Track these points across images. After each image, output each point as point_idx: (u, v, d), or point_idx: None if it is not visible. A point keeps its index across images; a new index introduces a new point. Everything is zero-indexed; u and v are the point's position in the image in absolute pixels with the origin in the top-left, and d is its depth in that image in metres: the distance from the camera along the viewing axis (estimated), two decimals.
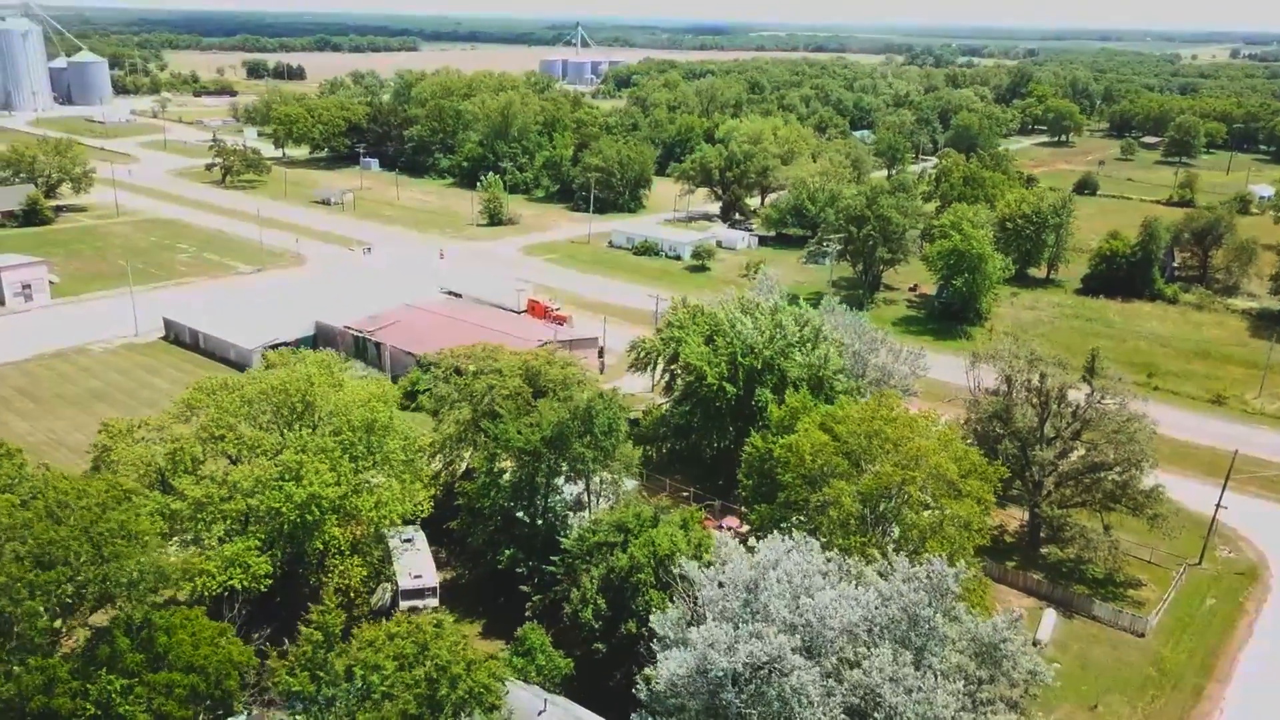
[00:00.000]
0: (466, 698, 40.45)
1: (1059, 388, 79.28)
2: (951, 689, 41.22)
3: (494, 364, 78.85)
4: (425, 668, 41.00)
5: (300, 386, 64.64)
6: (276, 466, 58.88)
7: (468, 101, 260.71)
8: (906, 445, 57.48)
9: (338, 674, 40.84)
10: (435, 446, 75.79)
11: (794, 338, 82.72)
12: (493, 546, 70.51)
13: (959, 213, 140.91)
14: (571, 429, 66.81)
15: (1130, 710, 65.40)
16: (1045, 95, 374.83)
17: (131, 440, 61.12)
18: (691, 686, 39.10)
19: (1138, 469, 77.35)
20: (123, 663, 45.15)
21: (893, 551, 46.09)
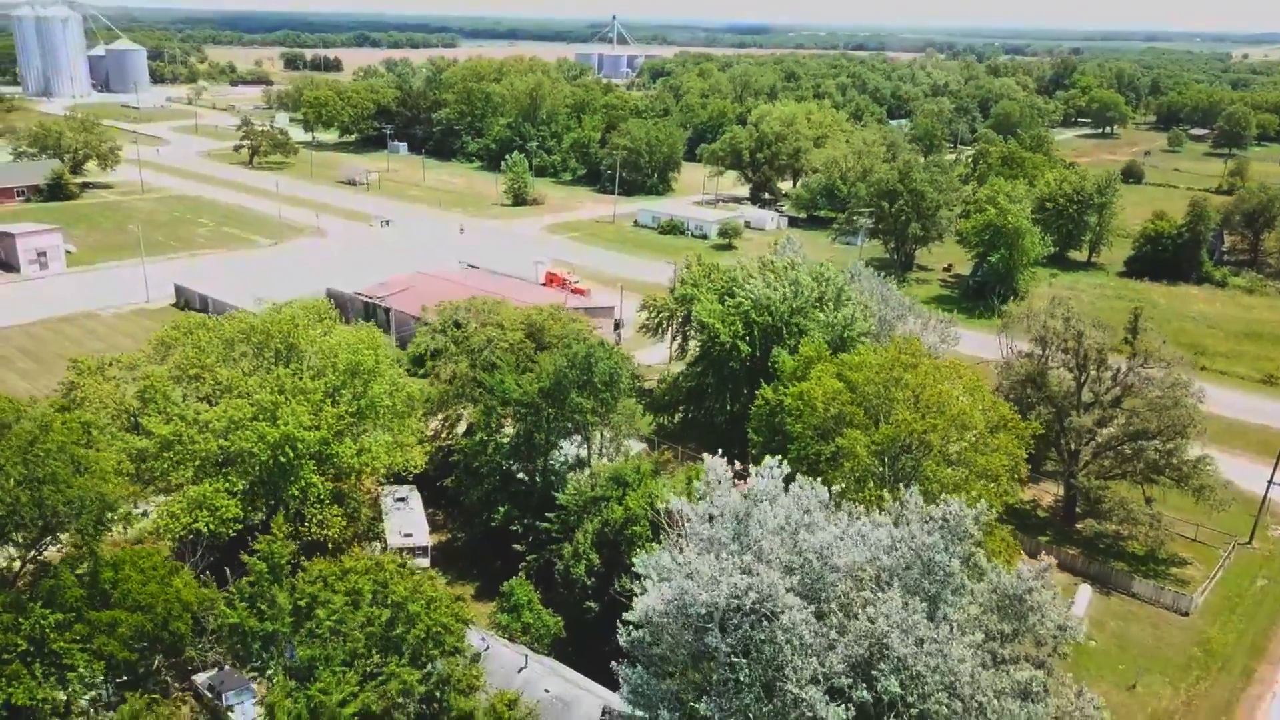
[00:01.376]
0: (424, 638, 36.34)
1: (1098, 350, 73.80)
2: (970, 640, 36.45)
3: (495, 318, 74.94)
4: (380, 606, 36.97)
5: (283, 328, 61.06)
6: (251, 406, 55.28)
7: (496, 84, 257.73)
8: (928, 392, 52.58)
9: (282, 608, 36.92)
10: (431, 403, 72.02)
11: (812, 296, 77.85)
12: (488, 506, 66.66)
13: (996, 187, 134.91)
14: (569, 378, 62.65)
15: (1172, 692, 60.10)
16: (1089, 86, 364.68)
17: (102, 378, 57.82)
18: (673, 627, 34.68)
19: (1183, 437, 71.78)
20: (62, 597, 41.60)
21: (903, 489, 41.29)
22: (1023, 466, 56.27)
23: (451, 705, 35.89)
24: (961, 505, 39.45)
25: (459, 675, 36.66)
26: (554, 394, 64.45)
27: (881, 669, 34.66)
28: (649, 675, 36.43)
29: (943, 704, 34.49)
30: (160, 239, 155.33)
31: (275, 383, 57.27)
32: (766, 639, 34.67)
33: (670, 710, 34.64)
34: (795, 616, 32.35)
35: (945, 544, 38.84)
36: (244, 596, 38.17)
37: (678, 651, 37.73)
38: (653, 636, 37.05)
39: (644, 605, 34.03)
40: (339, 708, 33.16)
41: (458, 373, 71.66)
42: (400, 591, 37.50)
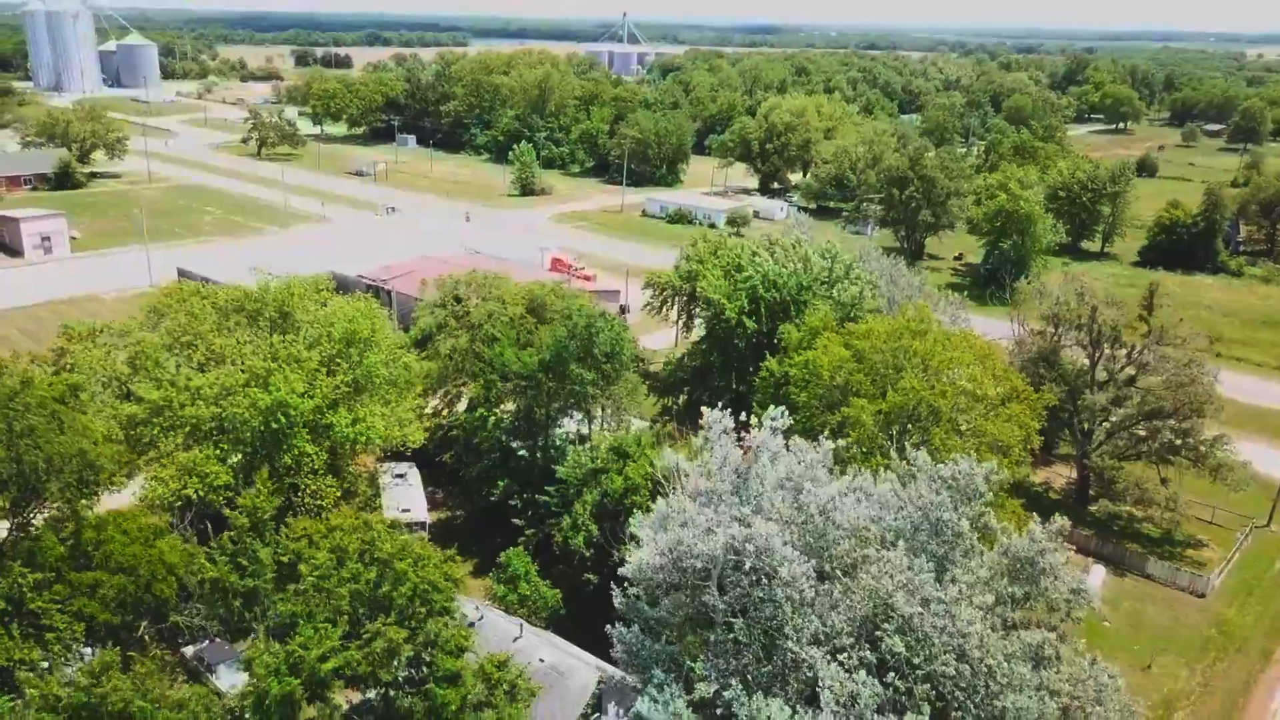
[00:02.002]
0: (411, 597, 34.96)
1: (1112, 327, 72.03)
2: (980, 601, 34.93)
3: (496, 292, 73.61)
4: (367, 564, 35.62)
5: (278, 296, 59.84)
6: (244, 373, 54.06)
7: (505, 76, 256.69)
8: (938, 359, 50.99)
9: (264, 564, 35.59)
10: (431, 379, 70.74)
11: (821, 274, 76.31)
12: (488, 481, 65.34)
13: (1008, 172, 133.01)
14: (570, 350, 61.25)
15: (1188, 673, 58.44)
16: (1102, 82, 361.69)
17: (93, 345, 56.69)
18: (669, 584, 33.24)
19: (1199, 416, 70.03)
20: (42, 557, 40.42)
21: (912, 448, 39.77)
22: (1035, 438, 54.64)
23: (439, 666, 34.51)
24: (972, 463, 37.99)
25: (448, 636, 35.28)
26: (554, 367, 63.09)
27: (885, 629, 33.19)
28: (644, 636, 35.02)
29: (950, 665, 32.99)
30: (165, 226, 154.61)
31: (269, 349, 56.03)
32: (765, 597, 33.23)
33: (665, 671, 33.21)
34: (795, 570, 30.89)
35: (954, 504, 37.38)
36: (225, 552, 36.90)
37: (675, 614, 36.35)
38: (649, 596, 35.67)
39: (639, 560, 32.62)
40: (319, 663, 31.82)
41: (457, 347, 70.41)
42: (387, 549, 36.18)
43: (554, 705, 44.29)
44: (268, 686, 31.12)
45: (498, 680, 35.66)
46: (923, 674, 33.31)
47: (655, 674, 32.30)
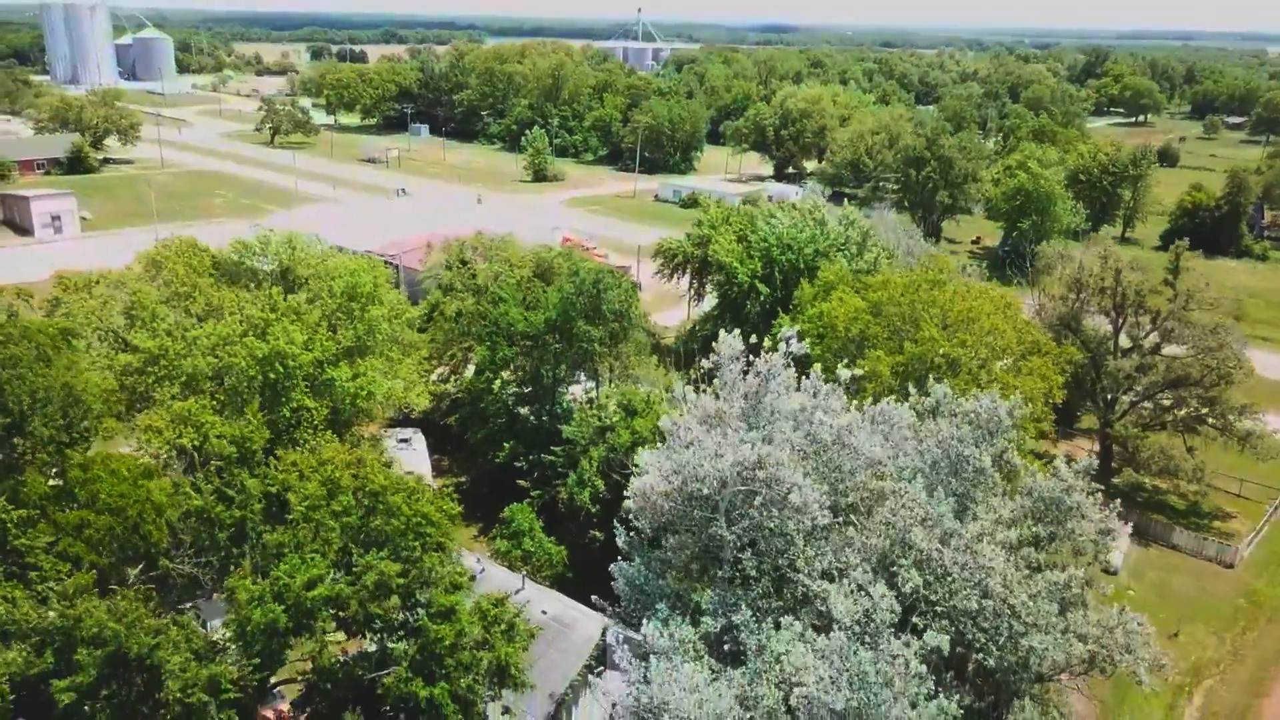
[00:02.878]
0: (405, 530, 33.36)
1: (1136, 292, 69.90)
2: (1002, 538, 33.08)
3: (503, 254, 72.10)
4: (359, 497, 34.05)
5: (277, 249, 58.46)
6: (241, 323, 52.65)
7: (518, 64, 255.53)
8: (958, 308, 49.09)
9: (251, 495, 34.06)
10: (437, 343, 69.32)
11: (838, 239, 74.44)
12: (493, 445, 63.83)
13: (1027, 151, 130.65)
14: (577, 306, 59.63)
15: (1217, 640, 56.38)
16: (1122, 75, 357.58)
17: (89, 295, 55.40)
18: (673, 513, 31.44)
19: (1227, 382, 67.82)
20: (26, 495, 38.99)
21: (934, 382, 37.91)
22: (1057, 393, 52.68)
23: (434, 602, 32.88)
24: (994, 398, 36.16)
25: (443, 572, 33.67)
26: (561, 327, 61.54)
27: (902, 563, 31.37)
28: (648, 572, 33.29)
29: (972, 600, 31.15)
30: (176, 208, 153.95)
31: (267, 300, 54.62)
32: (776, 530, 31.45)
33: (670, 607, 31.44)
34: (807, 495, 29.07)
35: (975, 440, 35.56)
36: (210, 480, 35.42)
37: (680, 553, 34.62)
38: (653, 531, 33.92)
39: (643, 484, 30.86)
40: (305, 590, 30.25)
41: (463, 310, 68.91)
42: (380, 482, 34.61)
43: (556, 657, 42.71)
44: (249, 614, 29.60)
45: (495, 618, 34.02)
46: (941, 611, 31.52)
47: (660, 609, 30.56)
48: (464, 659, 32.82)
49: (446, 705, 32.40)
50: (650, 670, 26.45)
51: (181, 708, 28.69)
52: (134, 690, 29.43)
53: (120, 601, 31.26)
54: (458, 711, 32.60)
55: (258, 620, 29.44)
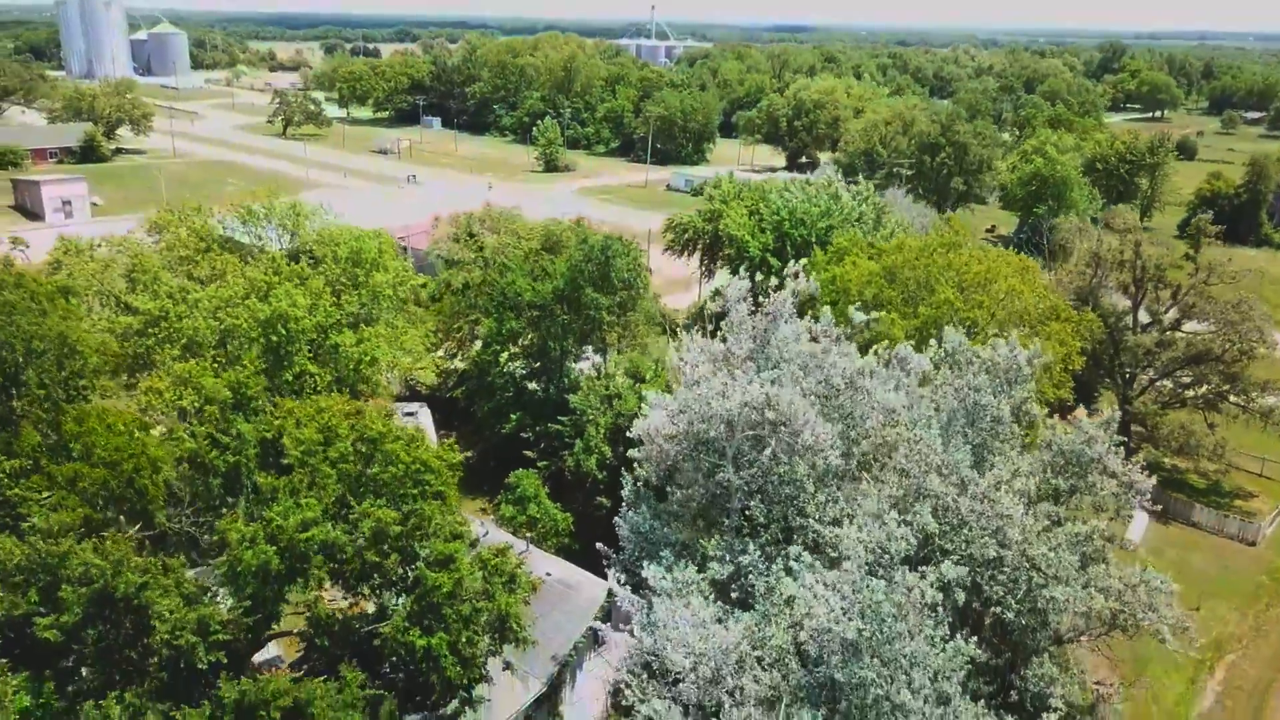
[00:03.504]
0: (403, 477, 32.38)
1: (1156, 266, 68.48)
2: (1020, 487, 31.90)
3: (511, 225, 71.14)
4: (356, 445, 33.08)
5: (282, 212, 57.65)
6: (244, 285, 51.85)
7: (531, 57, 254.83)
8: (974, 269, 47.84)
9: (246, 440, 33.12)
10: (444, 316, 68.43)
11: (852, 214, 73.21)
12: (500, 418, 62.95)
13: (1043, 137, 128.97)
14: (585, 273, 58.60)
15: (1239, 616, 55.07)
16: (1139, 70, 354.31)
17: (90, 258, 54.72)
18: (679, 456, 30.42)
19: (1249, 357, 66.37)
20: (19, 445, 38.18)
21: (951, 328, 36.73)
22: (1076, 359, 51.36)
23: (432, 550, 31.88)
24: (1014, 345, 35.00)
25: (441, 521, 32.67)
26: (569, 296, 60.56)
27: (917, 509, 30.20)
28: (653, 519, 32.25)
29: (990, 548, 29.98)
30: (187, 195, 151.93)
31: (270, 264, 53.81)
32: (785, 477, 30.39)
33: (674, 553, 30.41)
34: (818, 432, 27.96)
35: (993, 388, 34.39)
36: (204, 424, 34.51)
37: (687, 506, 33.59)
38: (658, 476, 32.89)
39: (646, 425, 29.82)
40: (299, 532, 29.29)
41: (470, 281, 67.97)
42: (379, 428, 33.65)
43: (560, 619, 41.74)
44: (240, 554, 28.65)
45: (495, 568, 33.00)
46: (958, 560, 30.35)
47: (664, 555, 29.52)
48: (463, 610, 31.80)
49: (445, 658, 31.41)
50: (654, 611, 25.39)
51: (170, 650, 27.79)
52: (122, 633, 28.54)
53: (108, 544, 30.41)
54: (456, 664, 31.59)
55: (249, 561, 28.50)
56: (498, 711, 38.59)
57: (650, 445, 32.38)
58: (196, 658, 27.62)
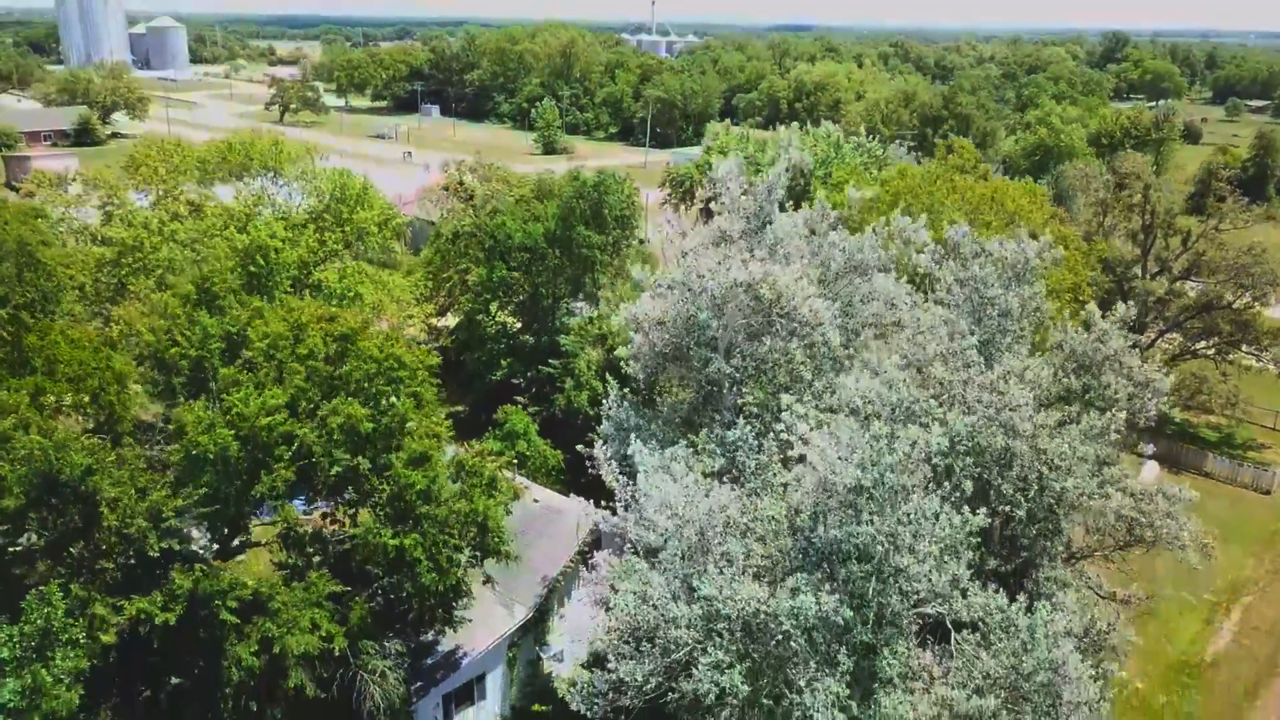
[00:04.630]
0: (376, 374, 30.48)
1: (1166, 211, 66.61)
2: (1031, 377, 30.02)
3: (501, 172, 69.33)
4: (327, 342, 31.19)
5: (265, 149, 55.88)
6: (221, 215, 50.11)
7: (530, 42, 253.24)
8: (981, 190, 45.93)
9: (210, 333, 31.23)
10: (434, 265, 66.58)
11: (852, 161, 71.34)
12: (491, 367, 61.18)
13: (1047, 108, 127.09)
14: (578, 211, 56.79)
15: (1255, 562, 53.23)
16: (1142, 59, 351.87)
17: (65, 193, 52.96)
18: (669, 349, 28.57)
19: (1262, 304, 64.53)
20: None
21: (952, 224, 34.84)
22: (1087, 290, 49.47)
23: (406, 449, 29.99)
24: (1023, 239, 33.13)
25: (418, 420, 30.78)
26: (561, 239, 58.76)
27: (920, 395, 28.27)
28: (638, 418, 30.35)
29: (997, 438, 28.07)
30: None
31: (253, 198, 52.04)
32: (779, 361, 28.51)
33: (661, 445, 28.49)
34: (816, 306, 26.04)
35: (1001, 282, 32.50)
36: (166, 317, 32.65)
37: (676, 410, 31.73)
38: (646, 374, 31.02)
39: (635, 311, 27.95)
40: (262, 416, 27.39)
41: (460, 230, 66.11)
42: (351, 323, 31.80)
43: (548, 544, 39.93)
44: (196, 439, 26.77)
45: (474, 469, 31.13)
46: (964, 450, 28.44)
47: (651, 444, 27.60)
48: (439, 514, 29.93)
49: (420, 563, 29.53)
50: (639, 482, 23.50)
51: (119, 539, 25.94)
52: (70, 525, 26.68)
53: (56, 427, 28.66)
54: (432, 570, 29.69)
55: (205, 445, 26.60)
56: (482, 638, 36.76)
57: (639, 341, 30.57)
58: (148, 545, 25.75)
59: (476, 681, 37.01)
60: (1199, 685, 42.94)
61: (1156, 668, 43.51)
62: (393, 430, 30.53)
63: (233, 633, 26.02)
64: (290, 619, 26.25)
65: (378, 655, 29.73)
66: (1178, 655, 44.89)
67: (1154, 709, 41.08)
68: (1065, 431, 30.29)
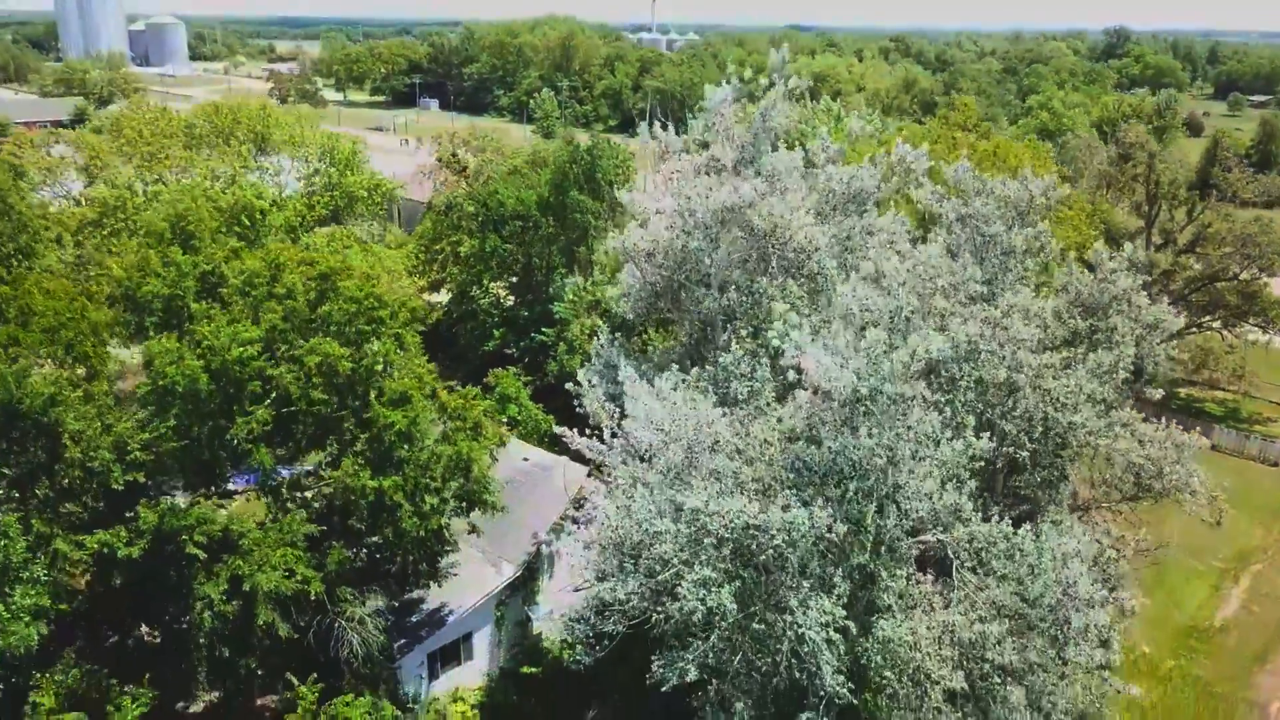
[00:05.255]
0: (355, 313, 29.34)
1: (1171, 182, 65.44)
2: (1036, 310, 28.90)
3: (495, 143, 68.23)
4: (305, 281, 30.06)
5: (251, 114, 54.80)
6: (205, 175, 49.00)
7: (529, 34, 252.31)
8: (981, 147, 44.83)
9: (184, 270, 30.10)
10: (426, 237, 65.46)
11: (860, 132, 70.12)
12: (484, 338, 60.15)
13: (1049, 93, 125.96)
14: (572, 175, 55.67)
15: (1263, 530, 52.08)
16: (1144, 54, 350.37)
17: (47, 154, 51.89)
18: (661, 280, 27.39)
19: (1269, 274, 63.33)
20: None
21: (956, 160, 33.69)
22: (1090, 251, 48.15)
23: (385, 391, 28.86)
24: (1027, 176, 32.01)
25: (399, 362, 29.67)
26: (554, 206, 57.68)
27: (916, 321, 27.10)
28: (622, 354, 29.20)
29: (1001, 371, 26.92)
30: None
31: (237, 157, 50.95)
32: (776, 297, 27.38)
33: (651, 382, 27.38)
34: (813, 234, 24.89)
35: (1004, 219, 31.37)
36: (134, 254, 31.56)
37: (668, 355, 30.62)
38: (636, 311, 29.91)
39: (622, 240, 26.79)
40: (234, 347, 26.25)
41: (453, 201, 65.01)
42: (329, 263, 30.68)
43: (538, 501, 38.83)
44: (162, 369, 25.66)
45: (457, 411, 30.02)
46: (966, 385, 27.31)
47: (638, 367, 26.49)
48: (421, 457, 28.81)
49: (402, 507, 28.42)
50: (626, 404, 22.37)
51: (83, 472, 24.84)
52: (34, 460, 25.57)
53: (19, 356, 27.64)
54: (413, 514, 28.57)
55: (173, 376, 25.48)
56: (469, 597, 35.64)
57: (629, 280, 29.47)
58: (113, 479, 24.63)
59: (463, 640, 35.87)
60: (1208, 650, 41.78)
61: (1164, 633, 42.35)
62: (373, 372, 29.42)
63: (201, 571, 24.88)
64: (262, 557, 25.10)
65: (357, 602, 28.59)
66: (1186, 621, 43.74)
67: (1162, 672, 39.91)
68: (1071, 372, 29.16)
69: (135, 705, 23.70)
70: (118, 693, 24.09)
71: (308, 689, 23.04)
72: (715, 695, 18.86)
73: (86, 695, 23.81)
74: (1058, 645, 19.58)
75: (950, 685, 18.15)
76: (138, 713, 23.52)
